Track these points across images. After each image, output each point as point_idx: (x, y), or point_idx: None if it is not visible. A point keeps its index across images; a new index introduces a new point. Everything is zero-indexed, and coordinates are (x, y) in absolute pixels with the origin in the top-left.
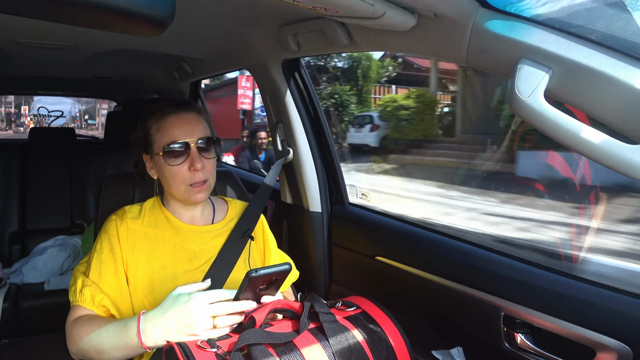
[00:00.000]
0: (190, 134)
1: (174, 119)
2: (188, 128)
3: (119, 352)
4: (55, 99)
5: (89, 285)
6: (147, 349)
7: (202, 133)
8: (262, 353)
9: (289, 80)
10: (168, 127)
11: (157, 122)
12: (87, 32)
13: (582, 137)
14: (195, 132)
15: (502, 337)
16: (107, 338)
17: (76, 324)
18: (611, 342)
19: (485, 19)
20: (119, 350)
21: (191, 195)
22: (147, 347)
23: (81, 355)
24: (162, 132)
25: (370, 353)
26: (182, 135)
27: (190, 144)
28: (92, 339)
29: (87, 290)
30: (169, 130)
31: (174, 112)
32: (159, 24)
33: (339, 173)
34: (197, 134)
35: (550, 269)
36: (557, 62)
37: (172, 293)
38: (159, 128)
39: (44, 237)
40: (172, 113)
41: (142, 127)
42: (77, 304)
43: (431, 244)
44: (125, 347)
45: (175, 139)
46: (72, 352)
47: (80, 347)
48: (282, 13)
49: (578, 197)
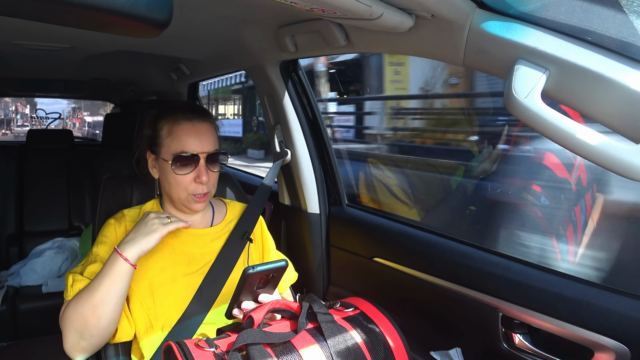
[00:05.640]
0: (201, 145)
1: (188, 127)
2: (200, 139)
3: (110, 290)
4: (52, 101)
5: (80, 280)
6: (132, 265)
7: (213, 146)
8: (261, 353)
9: (287, 81)
10: (180, 135)
11: (169, 125)
12: (84, 33)
13: (579, 138)
14: (206, 145)
15: (500, 337)
16: (97, 283)
17: (66, 308)
18: (609, 342)
19: (483, 20)
20: (111, 288)
21: (191, 204)
22: (130, 263)
23: (79, 333)
24: (173, 138)
25: (368, 354)
26: (194, 146)
27: (200, 156)
28: (83, 298)
29: (78, 284)
30: (181, 138)
31: (188, 119)
32: (157, 25)
33: (337, 174)
34: (207, 147)
35: (548, 269)
36: (554, 63)
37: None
38: (170, 132)
39: (42, 239)
40: (186, 120)
41: (151, 125)
42: (68, 299)
43: (429, 245)
44: (115, 277)
45: (186, 149)
46: (68, 343)
47: (75, 320)
48: (280, 14)
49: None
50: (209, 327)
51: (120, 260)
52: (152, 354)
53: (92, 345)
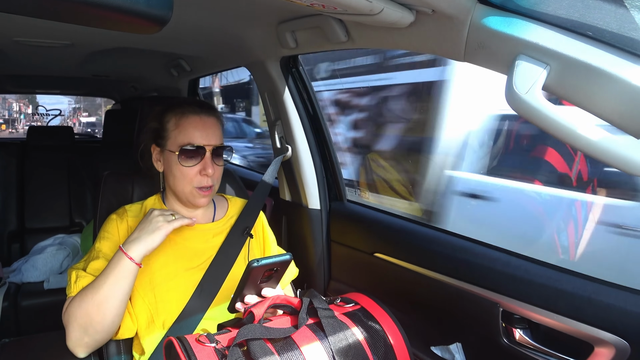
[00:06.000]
0: (208, 138)
1: (195, 120)
2: (207, 132)
3: (115, 288)
4: (54, 98)
5: (84, 276)
6: (137, 264)
7: (219, 140)
8: (261, 349)
9: (287, 77)
10: (188, 127)
11: (176, 118)
12: (85, 30)
13: (579, 134)
14: (213, 138)
15: (500, 332)
16: (102, 281)
17: (70, 304)
18: (609, 337)
19: (483, 15)
20: (116, 286)
21: (196, 198)
22: (136, 262)
23: (83, 329)
24: (180, 130)
25: (368, 349)
26: (200, 139)
27: (207, 148)
28: (88, 295)
29: (81, 280)
30: (188, 131)
31: (196, 112)
32: (157, 21)
33: (338, 170)
34: (214, 140)
35: (548, 264)
36: (555, 58)
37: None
38: (177, 125)
39: (43, 235)
40: (194, 113)
41: (157, 118)
42: (72, 295)
43: (430, 240)
44: (120, 275)
45: (193, 140)
46: (71, 339)
47: (79, 316)
48: (280, 10)
49: None
50: (210, 322)
51: (125, 259)
52: (153, 349)
53: (95, 341)
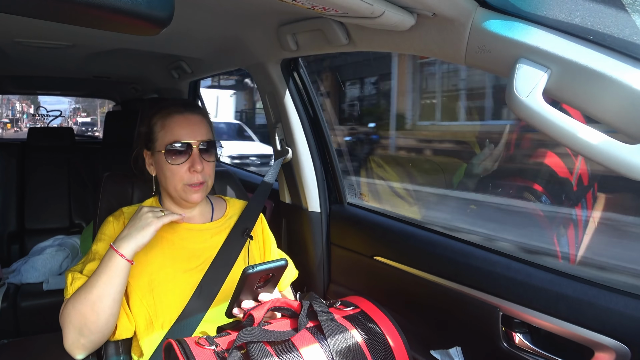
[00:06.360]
0: (193, 135)
1: (179, 118)
2: (192, 129)
3: (108, 286)
4: (55, 99)
5: (79, 278)
6: (129, 261)
7: (205, 135)
8: (261, 351)
9: (288, 79)
10: (172, 126)
11: (162, 119)
12: (86, 31)
13: (580, 137)
14: (198, 134)
15: (500, 336)
16: (94, 280)
17: (65, 305)
18: (609, 342)
19: (484, 19)
20: (108, 284)
21: (188, 194)
22: (127, 258)
23: (78, 330)
24: (166, 130)
25: (368, 352)
26: (186, 136)
27: (193, 145)
28: (82, 295)
29: (77, 282)
30: (173, 129)
31: (180, 112)
32: (158, 23)
33: (338, 173)
34: (200, 136)
35: (548, 268)
36: (556, 62)
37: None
38: (163, 126)
39: (43, 236)
40: (178, 113)
41: (146, 122)
42: (68, 297)
43: (430, 244)
44: (112, 273)
45: (178, 138)
46: (68, 340)
47: (74, 317)
48: (281, 12)
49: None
50: (209, 324)
51: (116, 257)
52: (152, 351)
53: (92, 342)
